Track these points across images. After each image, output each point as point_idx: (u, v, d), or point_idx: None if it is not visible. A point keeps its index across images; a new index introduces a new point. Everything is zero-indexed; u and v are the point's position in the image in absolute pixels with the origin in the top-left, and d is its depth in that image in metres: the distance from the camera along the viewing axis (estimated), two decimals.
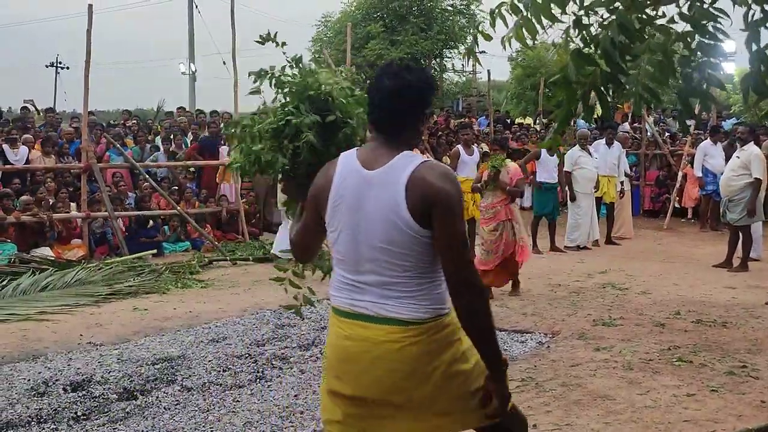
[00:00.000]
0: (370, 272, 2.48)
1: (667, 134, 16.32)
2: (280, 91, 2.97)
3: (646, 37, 1.89)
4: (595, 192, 11.85)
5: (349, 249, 2.51)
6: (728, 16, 1.83)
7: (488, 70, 21.08)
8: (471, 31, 20.48)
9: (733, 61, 24.69)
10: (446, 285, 2.47)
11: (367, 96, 2.60)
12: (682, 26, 1.96)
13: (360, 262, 2.49)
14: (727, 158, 11.35)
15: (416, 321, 2.45)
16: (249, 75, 3.06)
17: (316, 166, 2.83)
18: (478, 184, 8.52)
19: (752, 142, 10.11)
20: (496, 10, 2.22)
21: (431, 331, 2.46)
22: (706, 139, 13.61)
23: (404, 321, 2.44)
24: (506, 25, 2.23)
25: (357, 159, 2.52)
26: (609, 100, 1.95)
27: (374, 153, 2.51)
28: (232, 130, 3.03)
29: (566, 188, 11.76)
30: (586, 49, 1.94)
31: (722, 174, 10.41)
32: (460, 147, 10.94)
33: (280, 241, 10.60)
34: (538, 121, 19.73)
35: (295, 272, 3.05)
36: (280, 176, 3.01)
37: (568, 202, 11.82)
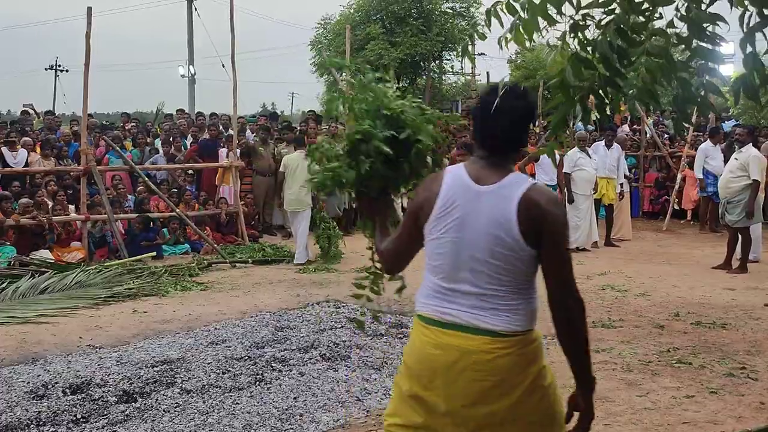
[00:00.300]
0: (468, 283, 2.53)
1: (666, 136, 16.33)
2: (351, 112, 2.98)
3: (643, 38, 1.89)
4: (594, 194, 11.86)
5: (448, 258, 2.56)
6: (726, 21, 1.84)
7: (487, 72, 21.16)
8: (469, 31, 20.49)
9: (731, 62, 24.72)
10: (547, 300, 2.53)
11: (473, 115, 2.66)
12: (679, 29, 1.96)
13: (458, 272, 2.55)
14: (726, 160, 11.36)
15: (509, 333, 2.50)
16: (324, 100, 3.11)
17: (390, 182, 2.90)
18: None
19: (750, 144, 10.13)
20: (492, 9, 2.21)
21: (521, 344, 2.52)
22: (705, 140, 13.62)
23: (498, 332, 2.49)
24: (502, 25, 2.23)
25: (467, 173, 2.58)
26: (607, 104, 1.95)
27: (484, 170, 2.57)
28: (314, 155, 3.07)
29: (565, 190, 11.76)
30: (584, 53, 1.94)
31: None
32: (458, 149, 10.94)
33: (301, 253, 10.73)
34: (537, 123, 19.73)
35: (373, 289, 3.08)
36: (355, 195, 3.05)
37: (567, 203, 11.82)
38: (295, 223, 10.95)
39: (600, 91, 1.95)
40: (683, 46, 1.94)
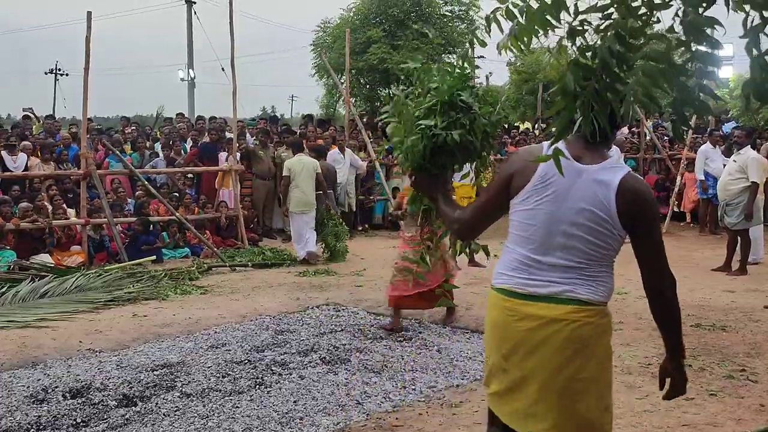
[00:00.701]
0: (558, 255, 2.65)
1: (665, 138, 16.35)
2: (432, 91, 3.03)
3: (642, 43, 1.90)
4: None
5: (540, 230, 2.67)
6: (722, 25, 1.84)
7: (486, 75, 21.14)
8: (468, 37, 20.47)
9: (730, 65, 24.74)
10: (644, 286, 2.76)
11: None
12: (679, 33, 1.96)
13: (549, 244, 2.66)
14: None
15: (591, 302, 2.65)
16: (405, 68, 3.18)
17: (453, 159, 2.98)
18: (399, 212, 7.40)
19: (749, 146, 10.14)
20: (492, 15, 2.22)
21: (600, 315, 2.68)
22: (705, 142, 13.63)
23: (581, 301, 2.64)
24: (501, 30, 2.24)
25: (567, 151, 2.65)
26: (607, 110, 1.96)
27: (584, 150, 2.68)
28: (397, 113, 3.10)
29: None
30: (583, 59, 1.94)
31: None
32: None
33: (312, 244, 11.14)
34: (537, 127, 19.74)
35: (422, 259, 3.17)
36: (411, 170, 3.08)
37: None
38: (302, 224, 11.14)
39: (600, 98, 1.95)
40: (682, 49, 1.95)
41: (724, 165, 11.13)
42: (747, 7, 1.86)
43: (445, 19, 21.57)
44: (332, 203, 12.73)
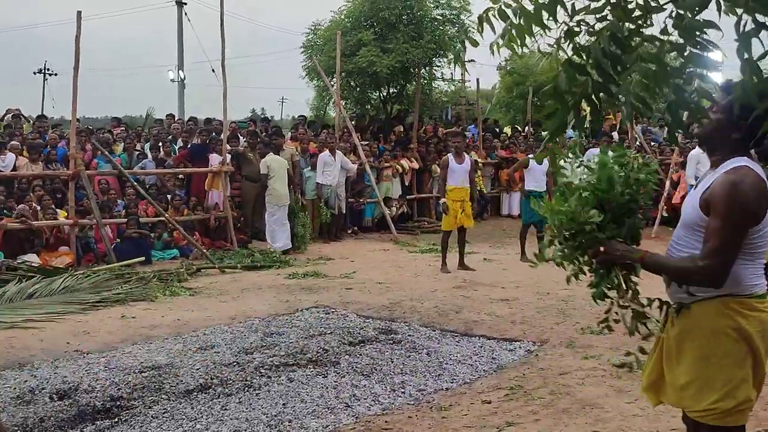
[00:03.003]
0: None
1: (653, 144, 16.40)
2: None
3: (635, 45, 1.90)
4: None
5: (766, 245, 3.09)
6: (719, 28, 1.84)
7: (477, 79, 21.21)
8: (461, 37, 20.45)
9: (720, 71, 24.89)
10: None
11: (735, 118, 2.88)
12: (673, 36, 1.96)
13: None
14: None
15: None
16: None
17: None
18: None
19: None
20: (484, 15, 2.21)
21: None
22: (694, 147, 13.66)
23: None
24: (494, 31, 2.23)
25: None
26: (600, 110, 1.95)
27: None
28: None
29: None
30: (577, 58, 1.94)
31: None
32: (450, 156, 10.94)
33: (286, 235, 12.45)
34: (527, 130, 19.78)
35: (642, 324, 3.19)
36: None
37: None
38: (281, 217, 12.43)
39: (593, 98, 1.94)
40: (676, 52, 1.95)
41: None
42: (739, 11, 1.86)
43: (435, 23, 21.56)
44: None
